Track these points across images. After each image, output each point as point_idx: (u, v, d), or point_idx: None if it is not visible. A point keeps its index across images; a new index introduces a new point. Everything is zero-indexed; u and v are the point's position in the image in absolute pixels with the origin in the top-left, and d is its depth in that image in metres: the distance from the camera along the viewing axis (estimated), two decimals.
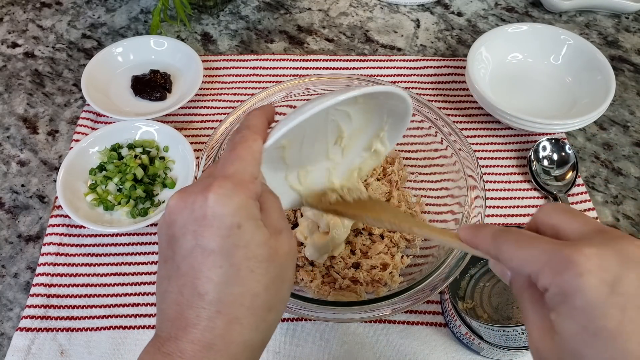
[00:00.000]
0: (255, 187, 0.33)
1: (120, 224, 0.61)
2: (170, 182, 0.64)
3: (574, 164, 0.66)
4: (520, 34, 0.74)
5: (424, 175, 0.62)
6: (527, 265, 0.29)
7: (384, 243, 0.58)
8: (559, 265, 0.28)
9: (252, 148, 0.34)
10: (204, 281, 0.30)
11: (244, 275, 0.31)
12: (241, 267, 0.31)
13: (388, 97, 0.41)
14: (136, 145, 0.66)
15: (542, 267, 0.29)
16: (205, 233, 0.31)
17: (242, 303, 0.31)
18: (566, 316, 0.28)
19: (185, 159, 0.65)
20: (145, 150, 0.66)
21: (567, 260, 0.28)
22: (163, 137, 0.67)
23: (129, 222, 0.61)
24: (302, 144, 0.43)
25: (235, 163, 0.33)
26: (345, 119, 0.44)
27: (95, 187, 0.63)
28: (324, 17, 0.86)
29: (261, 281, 0.31)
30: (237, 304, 0.31)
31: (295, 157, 0.44)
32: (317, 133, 0.43)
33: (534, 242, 0.30)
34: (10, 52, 0.81)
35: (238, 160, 0.33)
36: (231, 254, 0.30)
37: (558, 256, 0.28)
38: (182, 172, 0.65)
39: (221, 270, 0.30)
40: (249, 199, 0.32)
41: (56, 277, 0.59)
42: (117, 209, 0.62)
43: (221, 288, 0.30)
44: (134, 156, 0.64)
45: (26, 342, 0.55)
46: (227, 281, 0.30)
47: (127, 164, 0.64)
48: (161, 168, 0.65)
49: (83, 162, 0.64)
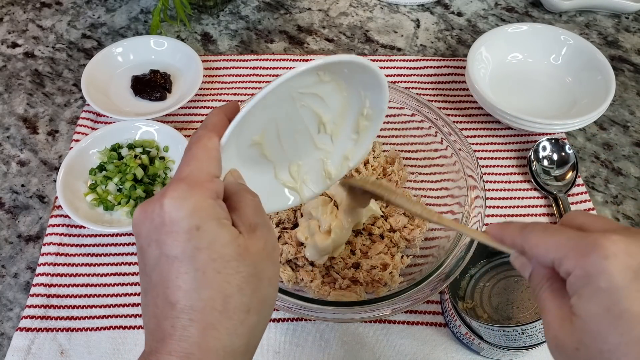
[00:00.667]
0: (215, 186, 0.32)
1: (120, 224, 0.61)
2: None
3: (574, 164, 0.66)
4: (520, 34, 0.74)
5: (424, 175, 0.62)
6: (553, 251, 0.30)
7: (384, 243, 0.58)
8: (585, 249, 0.29)
9: (206, 146, 0.33)
10: (174, 290, 0.29)
11: (211, 278, 0.29)
12: (207, 270, 0.29)
13: (351, 69, 0.39)
14: (136, 145, 0.66)
15: (567, 252, 0.29)
16: (166, 240, 0.30)
17: (214, 307, 0.29)
18: (589, 298, 0.28)
19: None
20: (145, 150, 0.66)
21: (593, 244, 0.28)
22: (163, 137, 0.67)
23: (128, 222, 0.61)
24: (279, 138, 0.41)
25: (190, 164, 0.32)
26: (319, 103, 0.42)
27: (95, 187, 0.63)
28: (324, 17, 0.86)
29: (231, 282, 0.30)
30: (209, 308, 0.29)
31: (278, 152, 0.42)
32: (292, 123, 0.42)
33: (561, 230, 0.31)
34: (10, 52, 0.81)
35: (193, 161, 0.32)
36: (194, 258, 0.29)
37: (585, 240, 0.29)
38: None
39: (187, 276, 0.29)
40: (207, 198, 0.31)
41: (56, 277, 0.59)
42: (117, 209, 0.62)
43: (190, 294, 0.29)
44: (134, 156, 0.64)
45: (26, 342, 0.55)
46: (196, 287, 0.29)
47: (127, 164, 0.64)
48: (161, 168, 0.65)
49: (83, 162, 0.64)
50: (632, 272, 0.27)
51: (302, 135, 0.44)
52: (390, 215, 0.60)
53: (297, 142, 0.43)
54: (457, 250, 0.49)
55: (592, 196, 0.66)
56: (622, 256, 0.28)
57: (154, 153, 0.66)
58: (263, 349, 0.54)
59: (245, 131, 0.38)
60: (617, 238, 0.28)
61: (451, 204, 0.56)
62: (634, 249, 0.28)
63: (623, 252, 0.28)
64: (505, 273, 0.52)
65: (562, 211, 0.63)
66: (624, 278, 0.27)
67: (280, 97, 0.38)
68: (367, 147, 0.47)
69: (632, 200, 0.66)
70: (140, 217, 0.31)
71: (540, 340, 0.47)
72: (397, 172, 0.63)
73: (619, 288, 0.27)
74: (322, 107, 0.42)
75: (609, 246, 0.28)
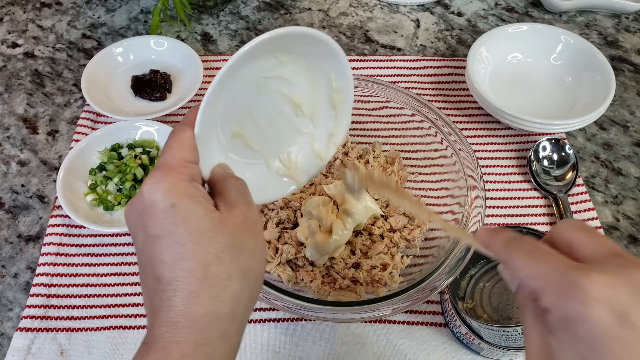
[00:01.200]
0: (188, 170, 0.34)
1: (120, 224, 0.61)
2: None
3: (574, 164, 0.66)
4: (520, 34, 0.74)
5: (424, 175, 0.62)
6: (534, 280, 0.29)
7: (384, 243, 0.58)
8: (565, 289, 0.26)
9: (180, 137, 0.35)
10: (159, 265, 0.31)
11: (189, 249, 0.31)
12: (185, 242, 0.31)
13: (303, 43, 0.39)
14: (136, 145, 0.66)
15: (548, 286, 0.28)
16: (148, 222, 0.32)
17: (195, 276, 0.31)
18: (566, 344, 0.27)
19: None
20: (145, 150, 0.66)
21: (574, 285, 0.26)
22: (163, 137, 0.67)
23: None
24: (259, 126, 0.42)
25: (165, 154, 0.35)
26: (287, 86, 0.42)
27: (95, 187, 0.63)
28: (324, 17, 0.86)
29: (209, 251, 0.31)
30: (191, 277, 0.31)
31: (263, 142, 0.43)
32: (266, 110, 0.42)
33: (544, 257, 0.29)
34: (10, 52, 0.81)
35: (167, 150, 0.35)
36: (173, 232, 0.31)
37: (566, 278, 0.27)
38: None
39: (168, 250, 0.31)
40: (180, 180, 0.33)
41: (56, 277, 0.59)
42: (117, 209, 0.62)
43: (173, 267, 0.31)
44: (134, 156, 0.64)
45: (26, 342, 0.55)
46: (177, 259, 0.31)
47: (127, 164, 0.64)
48: None
49: (83, 162, 0.64)
50: (615, 320, 0.25)
51: (282, 122, 0.44)
52: (390, 215, 0.60)
53: (278, 129, 0.44)
54: (457, 250, 0.49)
55: (592, 196, 0.66)
56: (605, 302, 0.25)
57: (154, 153, 0.66)
58: (263, 349, 0.54)
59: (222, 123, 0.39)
60: (602, 280, 0.26)
61: (451, 204, 0.56)
62: (619, 293, 0.26)
63: (606, 298, 0.25)
64: None
65: (562, 211, 0.63)
66: (605, 327, 0.25)
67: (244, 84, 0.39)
68: (348, 120, 0.47)
69: (632, 200, 0.66)
70: (128, 209, 0.34)
71: None
72: (397, 172, 0.63)
73: (597, 339, 0.25)
74: (292, 90, 0.43)
75: (590, 290, 0.25)
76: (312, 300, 0.48)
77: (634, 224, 0.65)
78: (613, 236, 0.63)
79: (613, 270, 0.27)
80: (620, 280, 0.26)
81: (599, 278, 0.26)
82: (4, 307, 0.58)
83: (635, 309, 0.25)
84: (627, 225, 0.64)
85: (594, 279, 0.26)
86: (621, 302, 0.26)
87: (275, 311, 0.56)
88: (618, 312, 0.25)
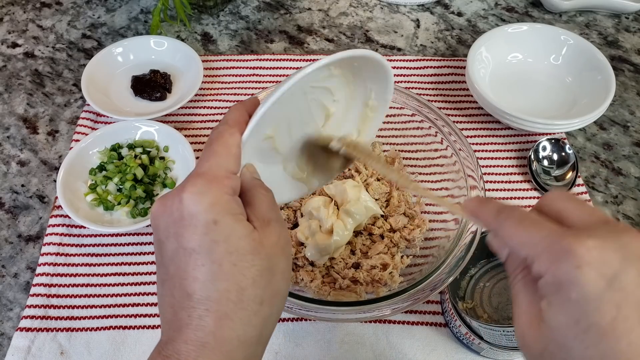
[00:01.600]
0: (232, 182, 0.33)
1: (120, 224, 0.61)
2: (170, 182, 0.64)
3: (574, 164, 0.66)
4: (520, 34, 0.74)
5: (424, 175, 0.62)
6: (526, 247, 0.29)
7: (384, 243, 0.58)
8: (557, 254, 0.27)
9: (227, 142, 0.34)
10: (190, 281, 0.31)
11: (227, 270, 0.30)
12: (223, 262, 0.30)
13: (362, 62, 0.39)
14: (136, 145, 0.66)
15: (540, 253, 0.28)
16: (184, 233, 0.31)
17: (229, 298, 0.30)
18: (558, 307, 0.27)
19: (185, 159, 0.65)
20: (145, 150, 0.66)
21: (566, 250, 0.27)
22: (163, 137, 0.67)
23: (129, 222, 0.61)
24: (290, 131, 0.42)
25: (209, 160, 0.33)
26: (327, 96, 0.42)
27: (95, 187, 0.63)
28: (324, 17, 0.86)
29: (246, 275, 0.31)
30: (224, 299, 0.30)
31: (288, 145, 0.43)
32: (302, 116, 0.42)
33: (536, 225, 0.29)
34: (10, 52, 0.81)
35: (212, 157, 0.33)
36: (212, 251, 0.30)
37: (558, 244, 0.27)
38: (182, 172, 0.65)
39: (204, 268, 0.30)
40: (224, 194, 0.32)
41: (56, 277, 0.59)
42: (117, 209, 0.62)
43: (207, 285, 0.30)
44: (134, 156, 0.65)
45: (26, 342, 0.55)
46: (212, 278, 0.30)
47: (127, 164, 0.64)
48: (161, 168, 0.65)
49: (83, 162, 0.65)
50: (605, 282, 0.26)
51: (310, 128, 0.44)
52: (390, 215, 0.60)
53: (305, 134, 0.44)
54: (457, 250, 0.49)
55: (592, 196, 0.66)
56: (596, 265, 0.26)
57: (154, 153, 0.66)
58: None
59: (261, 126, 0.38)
60: (592, 244, 0.26)
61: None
62: (609, 256, 0.26)
63: (597, 261, 0.26)
64: (506, 273, 0.51)
65: None
66: (596, 289, 0.26)
67: (294, 92, 0.38)
68: (371, 137, 0.47)
69: (632, 200, 0.66)
70: (159, 210, 0.32)
71: None
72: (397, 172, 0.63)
73: (589, 300, 0.26)
74: (330, 100, 0.43)
75: (581, 254, 0.26)
76: (312, 300, 0.48)
77: (634, 224, 0.65)
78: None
79: (603, 235, 0.27)
80: (610, 244, 0.27)
81: (590, 242, 0.27)
82: (4, 307, 0.58)
83: (624, 272, 0.26)
84: (615, 221, 0.64)
85: (585, 244, 0.27)
86: (611, 264, 0.26)
87: None
88: (608, 274, 0.26)
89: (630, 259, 0.27)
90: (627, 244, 0.27)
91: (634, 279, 0.26)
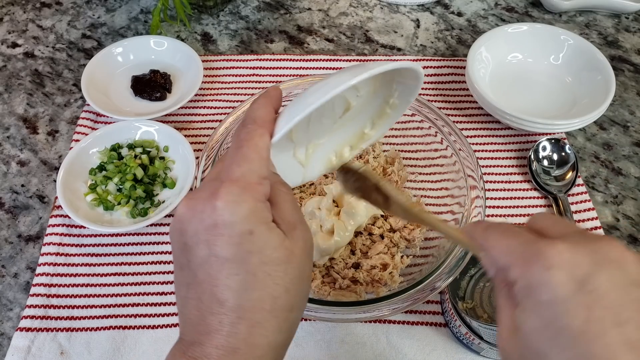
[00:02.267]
0: (264, 188, 0.32)
1: (120, 224, 0.61)
2: (170, 182, 0.64)
3: (574, 164, 0.66)
4: (520, 34, 0.74)
5: (424, 175, 0.62)
6: (504, 256, 0.29)
7: (384, 243, 0.58)
8: (529, 257, 0.27)
9: (258, 146, 0.33)
10: (223, 289, 0.30)
11: (261, 280, 0.30)
12: (257, 272, 0.30)
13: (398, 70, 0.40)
14: (136, 145, 0.66)
15: (515, 260, 0.28)
16: (217, 242, 0.30)
17: (263, 307, 0.31)
18: (530, 311, 0.27)
19: (185, 159, 0.65)
20: (145, 150, 0.66)
21: (537, 252, 0.27)
22: (163, 137, 0.67)
23: (129, 222, 0.61)
24: (309, 123, 0.42)
25: (242, 165, 0.32)
26: (353, 93, 0.43)
27: (95, 187, 0.63)
28: (324, 17, 0.86)
29: (280, 284, 0.31)
30: (258, 308, 0.30)
31: (303, 135, 0.43)
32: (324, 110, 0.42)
33: (515, 235, 0.30)
34: (10, 52, 0.81)
35: (244, 162, 0.32)
36: (246, 261, 0.30)
37: (530, 248, 0.28)
38: (182, 172, 0.65)
39: (238, 277, 0.30)
40: (258, 202, 0.31)
41: (56, 277, 0.59)
42: (117, 209, 0.62)
43: (240, 294, 0.30)
44: (134, 156, 0.64)
45: (26, 342, 0.55)
46: (246, 287, 0.30)
47: (127, 164, 0.64)
48: (161, 168, 0.65)
49: (83, 162, 0.65)
50: (576, 284, 0.26)
51: (327, 119, 0.44)
52: (390, 215, 0.60)
53: (322, 125, 0.44)
54: (457, 250, 0.49)
55: (592, 196, 0.66)
56: (566, 267, 0.26)
57: (154, 153, 0.66)
58: None
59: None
60: (563, 247, 0.27)
61: (451, 204, 0.56)
62: (580, 258, 0.26)
63: (567, 263, 0.26)
64: None
65: (562, 211, 0.63)
66: (566, 291, 0.26)
67: None
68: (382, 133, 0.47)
69: (632, 200, 0.66)
70: (188, 214, 0.32)
71: None
72: (397, 172, 0.63)
73: (559, 301, 0.26)
74: (354, 96, 0.43)
75: (552, 256, 0.27)
76: (312, 300, 0.48)
77: (634, 224, 0.65)
78: (613, 236, 0.63)
79: (575, 240, 0.28)
80: (582, 248, 0.27)
81: (561, 246, 0.27)
82: (4, 307, 0.58)
83: (595, 275, 0.26)
84: (627, 225, 0.64)
85: (556, 247, 0.27)
86: (582, 267, 0.26)
87: None
88: (578, 276, 0.26)
89: (602, 263, 0.27)
90: (599, 249, 0.27)
91: (605, 281, 0.26)
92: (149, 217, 0.61)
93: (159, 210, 0.61)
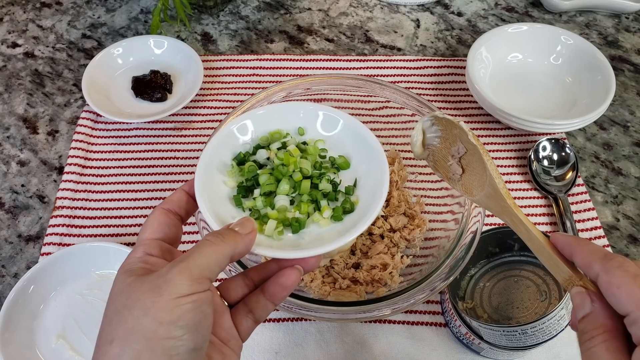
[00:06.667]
0: None
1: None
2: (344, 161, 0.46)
3: (574, 164, 0.66)
4: (520, 34, 0.74)
5: (424, 175, 0.62)
6: (634, 304, 0.27)
7: (384, 243, 0.58)
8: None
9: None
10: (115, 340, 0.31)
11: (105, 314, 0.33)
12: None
13: None
14: (262, 143, 0.47)
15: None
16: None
17: (100, 337, 0.32)
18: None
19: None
20: (282, 144, 0.46)
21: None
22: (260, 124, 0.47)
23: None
24: None
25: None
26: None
27: (263, 216, 0.42)
28: (324, 17, 0.86)
29: (106, 314, 0.32)
30: (99, 340, 0.32)
31: None
32: None
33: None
34: (10, 52, 0.81)
35: None
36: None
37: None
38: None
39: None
40: None
41: None
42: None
43: None
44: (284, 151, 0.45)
45: None
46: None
47: (284, 164, 0.44)
48: (316, 152, 0.46)
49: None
50: None
51: None
52: (390, 215, 0.60)
53: None
54: (457, 250, 0.49)
55: (592, 196, 0.66)
56: None
57: (291, 141, 0.47)
58: (263, 349, 0.54)
59: None
60: None
61: (451, 204, 0.56)
62: None
63: None
64: (505, 273, 0.52)
65: (562, 211, 0.63)
66: None
67: None
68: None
69: (632, 200, 0.66)
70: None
71: (540, 340, 0.47)
72: (397, 172, 0.63)
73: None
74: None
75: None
76: (312, 300, 0.48)
77: (634, 224, 0.65)
78: (613, 236, 0.64)
79: None
80: None
81: None
82: None
83: None
84: (627, 225, 0.64)
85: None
86: None
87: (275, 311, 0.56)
88: None
89: None
90: None
91: None
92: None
93: None
